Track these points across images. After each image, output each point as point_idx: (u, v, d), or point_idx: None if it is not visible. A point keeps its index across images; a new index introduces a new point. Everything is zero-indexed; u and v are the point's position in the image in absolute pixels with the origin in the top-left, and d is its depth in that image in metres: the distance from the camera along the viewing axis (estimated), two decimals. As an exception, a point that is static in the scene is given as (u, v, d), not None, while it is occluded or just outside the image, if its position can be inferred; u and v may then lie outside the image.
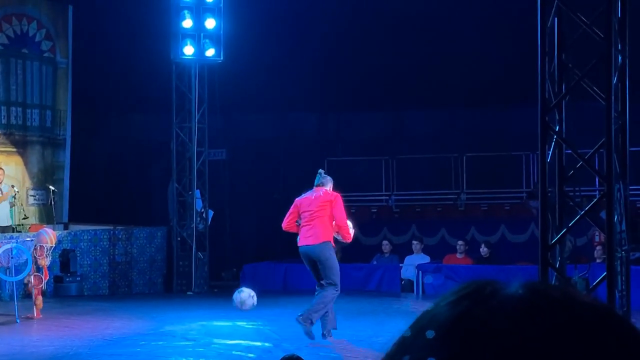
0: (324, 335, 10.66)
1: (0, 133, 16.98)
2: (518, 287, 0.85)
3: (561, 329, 0.81)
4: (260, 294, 15.42)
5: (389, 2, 18.34)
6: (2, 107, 17.01)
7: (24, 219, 15.94)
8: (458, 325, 0.83)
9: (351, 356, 9.82)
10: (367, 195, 18.31)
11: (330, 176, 11.44)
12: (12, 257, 12.59)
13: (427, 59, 18.32)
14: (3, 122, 17.00)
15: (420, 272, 15.25)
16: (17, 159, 17.13)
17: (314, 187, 11.06)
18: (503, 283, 0.86)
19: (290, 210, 10.98)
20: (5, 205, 15.72)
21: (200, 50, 16.54)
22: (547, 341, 0.80)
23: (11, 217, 15.81)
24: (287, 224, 11.00)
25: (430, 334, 0.82)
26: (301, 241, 10.85)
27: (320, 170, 11.33)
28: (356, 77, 18.92)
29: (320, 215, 10.87)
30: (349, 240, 11.30)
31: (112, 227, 16.56)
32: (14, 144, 17.16)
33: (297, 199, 11.08)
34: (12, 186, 15.91)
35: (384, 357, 0.87)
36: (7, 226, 15.68)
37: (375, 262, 16.61)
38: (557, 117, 7.89)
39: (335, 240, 11.44)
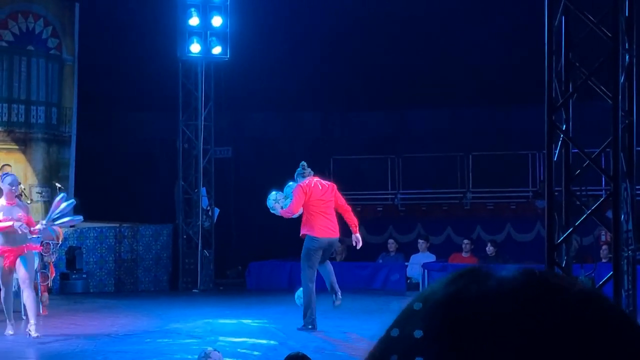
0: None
1: (1, 130, 16.98)
2: (514, 270, 0.86)
3: (561, 313, 0.81)
4: (265, 292, 15.45)
5: (394, 0, 18.32)
6: (4, 105, 17.01)
7: None
8: (451, 303, 0.83)
9: (356, 354, 9.81)
10: (372, 194, 18.31)
11: (336, 175, 11.64)
12: (18, 254, 12.60)
13: (433, 56, 18.31)
14: (4, 120, 17.01)
15: (425, 271, 15.24)
16: (18, 156, 17.12)
17: (311, 176, 11.22)
18: (497, 268, 0.87)
19: (301, 196, 11.09)
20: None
21: (206, 48, 16.54)
22: (545, 326, 0.80)
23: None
24: (298, 209, 11.09)
25: (418, 333, 0.81)
26: (326, 232, 11.08)
27: (303, 162, 11.52)
28: (362, 76, 18.91)
29: (333, 206, 11.19)
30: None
31: (118, 225, 16.57)
32: (15, 141, 17.16)
33: (302, 184, 11.15)
34: (19, 183, 15.93)
35: (369, 354, 0.86)
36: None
37: (380, 261, 16.61)
38: (564, 116, 7.88)
39: (341, 240, 11.63)
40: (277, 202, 11.29)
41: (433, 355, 0.80)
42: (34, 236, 11.17)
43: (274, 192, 11.45)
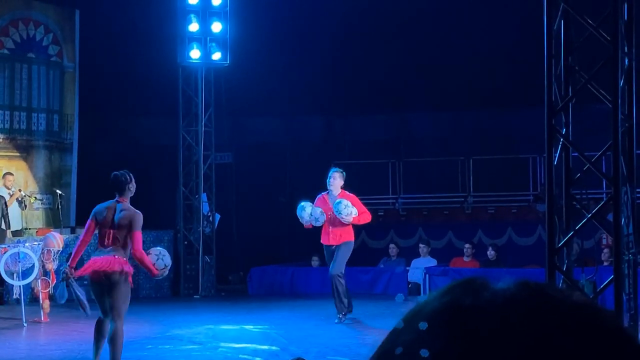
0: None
1: (3, 137, 17.00)
2: (510, 282, 0.86)
3: (554, 323, 0.82)
4: (267, 298, 15.44)
5: (395, 4, 18.33)
6: (6, 112, 17.03)
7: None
8: (447, 312, 0.83)
9: (358, 360, 9.81)
10: (373, 198, 18.28)
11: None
12: (19, 261, 12.62)
13: (433, 61, 18.31)
14: (6, 127, 17.03)
15: (427, 275, 15.23)
16: (19, 164, 17.14)
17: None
18: (494, 279, 0.87)
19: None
20: (17, 209, 15.76)
21: (206, 54, 16.55)
22: (540, 338, 0.80)
23: (21, 221, 15.90)
24: None
25: (423, 325, 0.82)
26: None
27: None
28: (362, 80, 18.92)
29: None
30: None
31: (119, 231, 16.55)
32: (17, 148, 17.18)
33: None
34: (19, 190, 15.94)
35: (377, 349, 0.87)
36: (18, 230, 15.72)
37: (382, 266, 16.59)
38: (564, 120, 7.88)
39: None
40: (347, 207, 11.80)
41: (438, 348, 0.81)
42: None
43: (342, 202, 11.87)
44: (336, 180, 11.92)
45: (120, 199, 8.89)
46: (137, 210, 8.75)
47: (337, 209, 11.69)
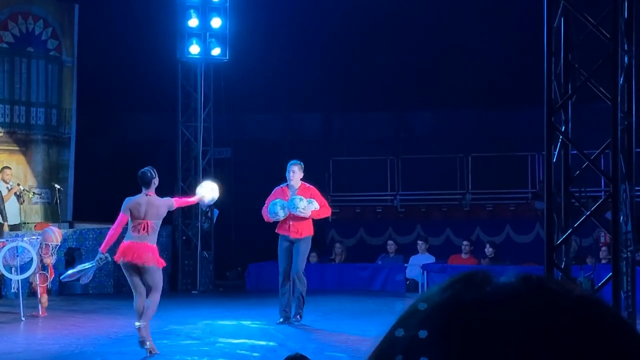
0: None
1: (3, 132, 17.00)
2: (512, 276, 0.85)
3: (556, 318, 0.81)
4: (265, 294, 15.44)
5: (395, 1, 18.32)
6: (6, 106, 17.02)
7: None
8: (447, 309, 0.83)
9: (356, 356, 9.81)
10: (372, 195, 18.30)
11: (336, 176, 11.87)
12: (17, 255, 12.61)
13: (433, 58, 18.31)
14: (6, 121, 17.02)
15: (425, 272, 15.24)
16: (19, 158, 17.14)
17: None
18: (495, 272, 0.86)
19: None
20: (15, 203, 15.76)
21: (206, 50, 16.55)
22: (542, 333, 0.80)
23: (19, 215, 15.90)
24: None
25: (422, 333, 0.81)
26: None
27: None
28: (361, 77, 18.91)
29: None
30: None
31: (117, 226, 16.54)
32: (16, 142, 17.18)
33: None
34: (18, 184, 15.93)
35: (375, 349, 0.86)
36: (17, 224, 15.72)
37: (380, 262, 16.60)
38: (563, 118, 7.89)
39: (340, 241, 11.92)
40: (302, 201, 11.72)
41: (438, 356, 0.80)
42: None
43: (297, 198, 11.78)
44: (296, 173, 11.95)
45: (149, 192, 9.97)
46: (163, 199, 10.17)
47: (293, 204, 11.67)
